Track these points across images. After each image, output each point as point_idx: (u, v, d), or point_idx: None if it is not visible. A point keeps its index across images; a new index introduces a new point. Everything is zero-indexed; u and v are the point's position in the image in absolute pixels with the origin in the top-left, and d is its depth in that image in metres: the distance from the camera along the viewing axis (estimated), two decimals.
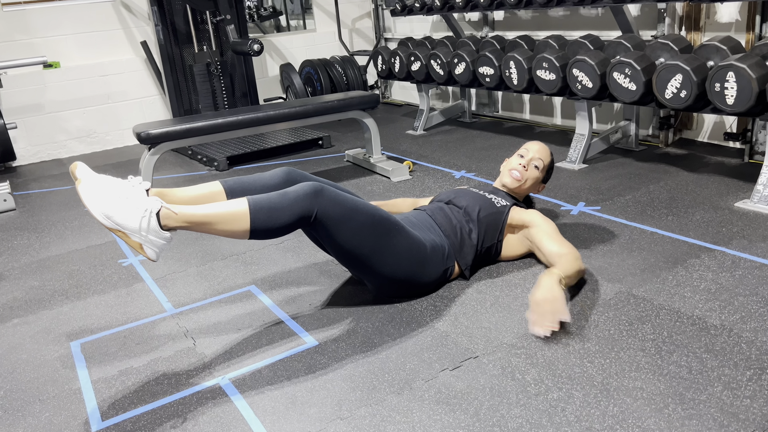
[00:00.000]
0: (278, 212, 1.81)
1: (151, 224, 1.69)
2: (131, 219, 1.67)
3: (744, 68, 2.69)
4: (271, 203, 1.81)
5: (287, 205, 1.82)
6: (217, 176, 4.12)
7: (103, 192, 1.69)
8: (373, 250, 2.00)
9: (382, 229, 2.01)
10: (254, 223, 1.78)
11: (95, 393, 1.82)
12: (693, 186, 3.14)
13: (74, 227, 3.35)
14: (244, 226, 1.78)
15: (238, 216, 1.78)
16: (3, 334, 2.24)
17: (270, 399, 1.72)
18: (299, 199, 1.84)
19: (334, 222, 1.90)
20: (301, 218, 1.85)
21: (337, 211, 1.90)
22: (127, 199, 1.69)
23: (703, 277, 2.19)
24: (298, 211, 1.83)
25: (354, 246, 1.97)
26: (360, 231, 1.95)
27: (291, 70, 5.68)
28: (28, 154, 5.08)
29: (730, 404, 1.53)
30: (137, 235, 1.69)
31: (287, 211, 1.82)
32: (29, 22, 4.90)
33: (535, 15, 4.81)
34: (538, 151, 2.51)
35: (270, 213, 1.80)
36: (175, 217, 1.72)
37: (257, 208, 1.79)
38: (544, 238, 2.24)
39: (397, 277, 2.09)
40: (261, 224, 1.79)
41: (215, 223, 1.76)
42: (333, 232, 1.92)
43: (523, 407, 1.59)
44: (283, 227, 1.83)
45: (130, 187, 1.73)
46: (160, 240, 1.72)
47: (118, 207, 1.67)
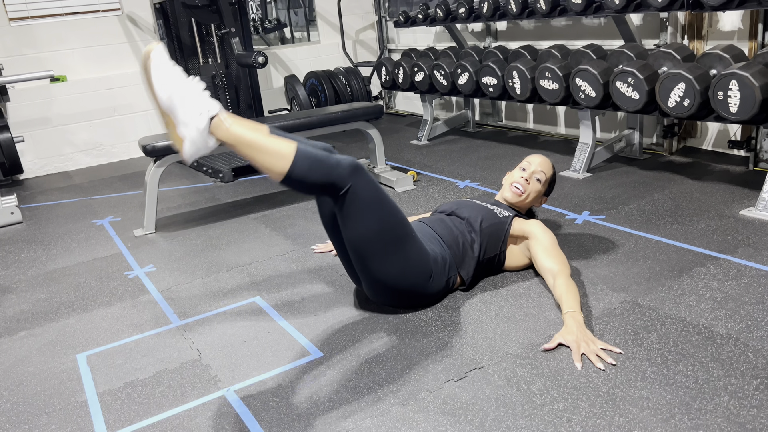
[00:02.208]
0: (318, 168, 1.82)
1: (203, 124, 1.70)
2: (188, 111, 1.69)
3: (747, 76, 2.69)
4: (316, 157, 1.83)
5: (328, 167, 1.84)
6: (223, 188, 4.14)
7: (173, 76, 1.71)
8: (387, 249, 2.01)
9: (400, 231, 2.02)
10: (294, 167, 1.79)
11: (101, 405, 1.83)
12: (698, 194, 3.14)
13: (80, 240, 3.37)
14: (284, 166, 1.79)
15: (282, 153, 1.79)
16: (10, 347, 2.25)
17: (275, 410, 1.72)
18: (340, 167, 1.86)
19: (361, 204, 1.92)
20: (333, 185, 1.86)
21: (368, 195, 1.92)
22: (192, 92, 1.71)
23: (708, 286, 2.18)
24: (335, 178, 1.85)
25: (370, 237, 1.98)
26: (380, 223, 1.97)
27: (295, 81, 5.72)
28: (35, 167, 5.12)
29: (737, 414, 1.53)
30: (184, 128, 1.71)
31: (325, 172, 1.84)
32: (36, 36, 4.95)
33: (538, 25, 4.83)
34: (540, 164, 2.51)
35: (311, 165, 1.81)
36: (226, 129, 1.74)
37: (302, 155, 1.80)
38: (540, 251, 2.25)
39: (400, 285, 2.09)
40: (299, 171, 1.80)
41: (259, 150, 1.77)
42: (356, 214, 1.94)
43: (529, 418, 1.59)
44: (314, 185, 1.85)
45: (197, 85, 1.74)
46: (202, 143, 1.73)
47: (182, 94, 1.69)
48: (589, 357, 1.79)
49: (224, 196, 3.96)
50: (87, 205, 4.08)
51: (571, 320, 1.93)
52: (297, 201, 3.66)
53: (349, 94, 5.80)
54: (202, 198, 3.96)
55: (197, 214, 3.63)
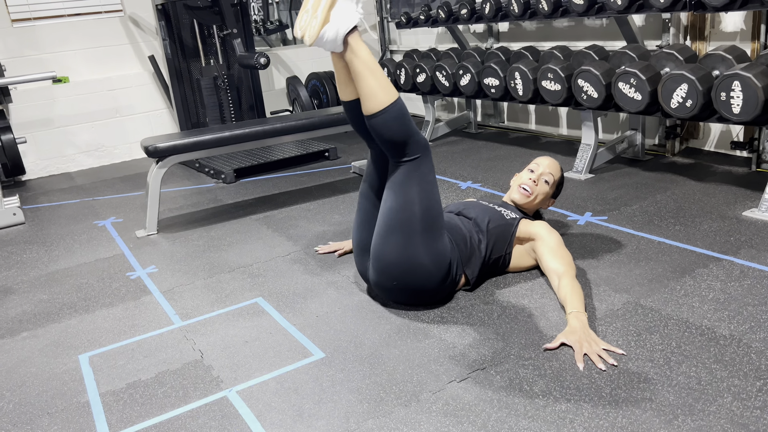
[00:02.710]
0: (406, 124, 2.00)
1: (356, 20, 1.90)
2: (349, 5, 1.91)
3: (750, 77, 2.69)
4: (407, 114, 2.02)
5: (413, 129, 2.02)
6: (225, 189, 4.15)
7: None
8: (418, 229, 2.04)
9: (436, 220, 2.09)
10: (393, 105, 1.97)
11: (103, 406, 1.83)
12: (700, 195, 3.14)
13: (83, 241, 3.37)
14: (387, 100, 1.96)
15: (390, 90, 1.98)
16: (12, 348, 2.25)
17: (277, 411, 1.72)
18: (419, 137, 2.04)
19: (418, 177, 2.03)
20: (406, 146, 2.01)
21: (426, 173, 2.05)
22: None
23: (711, 287, 2.18)
24: (412, 141, 2.01)
25: (411, 211, 2.04)
26: (424, 203, 2.04)
27: (297, 82, 5.72)
28: (38, 168, 5.12)
29: (740, 415, 1.52)
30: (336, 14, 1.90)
31: (409, 131, 2.00)
32: (39, 37, 4.96)
33: (540, 26, 4.82)
34: (548, 166, 2.52)
35: (404, 116, 2.00)
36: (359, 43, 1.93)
37: (402, 104, 2.00)
38: (546, 252, 2.25)
39: (418, 270, 2.07)
40: (393, 112, 1.97)
41: (374, 74, 1.95)
42: (409, 185, 2.04)
43: (531, 419, 1.58)
44: (394, 134, 1.99)
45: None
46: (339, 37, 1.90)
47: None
48: (591, 357, 1.79)
49: (226, 197, 3.96)
50: (89, 206, 4.08)
51: (575, 320, 1.92)
52: (299, 202, 3.66)
53: None
54: (204, 199, 3.96)
55: (199, 215, 3.63)
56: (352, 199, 3.64)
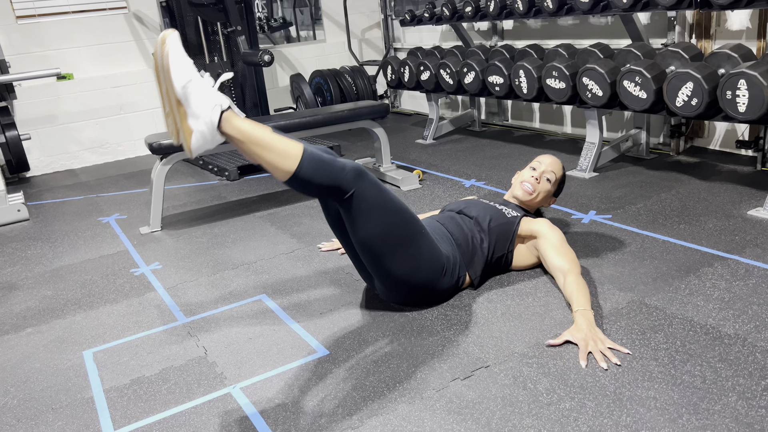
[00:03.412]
0: (324, 170, 1.83)
1: (213, 117, 1.71)
2: (201, 103, 1.70)
3: (756, 76, 2.68)
4: (322, 159, 1.84)
5: (334, 170, 1.85)
6: (228, 186, 4.15)
7: (187, 65, 1.71)
8: (397, 247, 2.00)
9: (410, 229, 2.02)
10: (300, 168, 1.80)
11: (108, 402, 1.83)
12: (705, 194, 3.13)
13: (87, 237, 3.38)
14: (291, 166, 1.80)
15: (290, 153, 1.80)
16: (17, 344, 2.25)
17: (281, 408, 1.72)
18: (345, 170, 1.87)
19: (367, 207, 1.92)
20: (339, 188, 1.87)
21: (374, 198, 1.92)
22: (205, 85, 1.72)
23: (716, 286, 2.17)
24: (340, 180, 1.86)
25: (380, 237, 1.98)
26: (389, 222, 1.97)
27: (301, 80, 5.72)
28: (42, 165, 5.13)
29: (745, 414, 1.52)
30: (194, 120, 1.71)
31: (331, 174, 1.84)
32: (43, 34, 4.97)
33: (545, 24, 4.81)
34: (550, 164, 2.51)
35: (318, 166, 1.82)
36: (236, 125, 1.74)
37: (309, 156, 1.81)
38: (549, 249, 2.24)
39: (413, 280, 2.09)
40: (305, 172, 1.81)
41: (267, 148, 1.78)
42: (362, 217, 1.94)
43: (535, 417, 1.58)
44: (320, 186, 1.86)
45: (208, 78, 1.76)
46: (211, 137, 1.73)
47: (197, 85, 1.70)
48: (595, 356, 1.79)
49: (230, 194, 3.96)
50: (93, 202, 4.09)
51: (581, 318, 1.92)
52: (303, 199, 3.66)
53: (354, 93, 5.79)
54: (207, 196, 3.97)
55: (203, 212, 3.63)
56: None
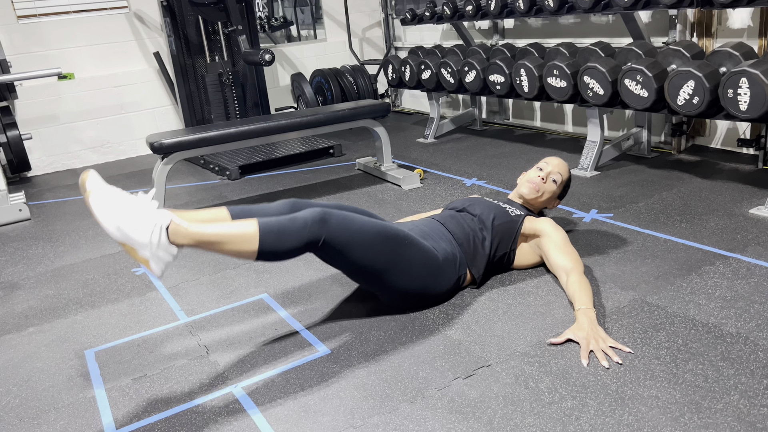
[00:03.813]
0: (286, 236, 1.81)
1: (161, 239, 1.68)
2: (141, 232, 1.66)
3: (757, 74, 2.67)
4: (280, 226, 1.82)
5: (296, 230, 1.83)
6: (229, 185, 4.15)
7: (114, 204, 1.68)
8: (386, 266, 2.01)
9: (393, 245, 2.01)
10: (262, 245, 1.78)
11: (109, 401, 1.83)
12: (706, 193, 3.12)
13: (88, 236, 3.38)
14: (252, 247, 1.77)
15: (246, 237, 1.77)
16: (18, 343, 2.26)
17: (283, 407, 1.72)
18: (307, 225, 1.84)
19: (343, 245, 1.91)
20: (309, 243, 1.86)
21: (346, 235, 1.91)
22: (137, 213, 1.68)
23: (718, 285, 2.17)
24: (306, 237, 1.84)
25: (366, 264, 1.99)
26: (370, 249, 1.96)
27: (302, 79, 5.72)
28: (43, 165, 5.14)
29: (747, 413, 1.52)
30: (146, 250, 1.68)
31: (295, 236, 1.82)
32: (44, 34, 4.97)
33: (546, 23, 4.81)
34: (557, 165, 2.52)
35: (279, 236, 1.80)
36: (184, 233, 1.72)
37: (266, 230, 1.79)
38: (553, 248, 2.24)
39: (412, 289, 2.10)
40: (269, 246, 1.79)
41: (223, 243, 1.76)
42: (343, 255, 1.94)
43: (537, 416, 1.58)
44: (290, 251, 1.84)
45: (140, 201, 1.72)
46: (167, 256, 1.71)
47: (129, 219, 1.66)
48: (596, 354, 1.79)
49: (231, 193, 3.96)
50: None
51: (583, 317, 1.92)
52: (304, 198, 3.65)
53: (355, 92, 5.79)
54: (209, 195, 3.97)
55: None
56: (357, 195, 3.64)
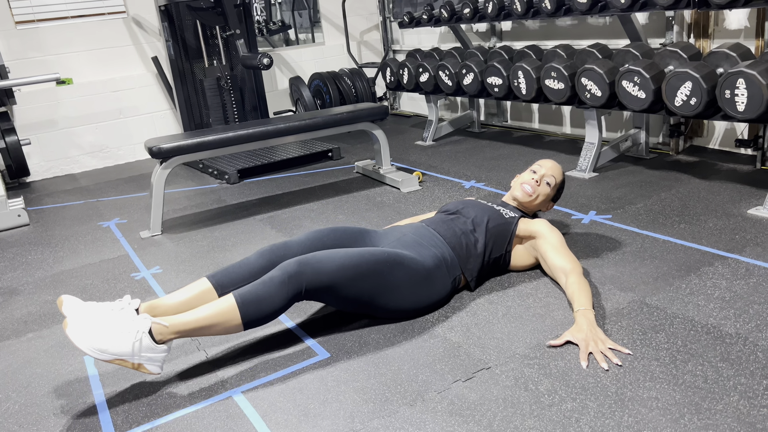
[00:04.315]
0: (266, 301, 1.86)
1: (144, 344, 1.74)
2: (124, 345, 1.72)
3: (754, 75, 2.68)
4: (257, 294, 1.86)
5: (274, 292, 1.87)
6: (228, 189, 4.15)
7: (92, 326, 1.73)
8: (374, 293, 2.03)
9: (375, 273, 2.02)
10: (245, 317, 1.84)
11: (109, 406, 1.83)
12: (705, 193, 3.13)
13: (87, 242, 3.38)
14: (236, 322, 1.84)
15: (227, 315, 1.83)
16: (18, 349, 2.25)
17: (282, 411, 1.72)
18: (284, 284, 1.88)
19: (326, 288, 1.95)
20: (291, 299, 1.90)
21: (325, 278, 1.94)
22: (116, 327, 1.73)
23: (717, 285, 2.17)
24: (286, 295, 1.88)
25: (353, 297, 2.02)
26: (353, 284, 1.98)
27: (300, 83, 5.72)
28: (42, 170, 5.13)
29: (747, 413, 1.52)
30: (135, 358, 1.74)
31: (275, 298, 1.87)
32: (42, 39, 4.97)
33: (543, 25, 4.82)
34: (551, 168, 2.52)
35: (258, 304, 1.85)
36: (167, 331, 1.78)
37: (245, 302, 1.84)
38: (550, 250, 2.24)
39: (405, 307, 2.11)
40: (252, 316, 1.85)
41: (207, 327, 1.82)
42: (328, 295, 1.99)
43: (537, 418, 1.58)
44: (275, 311, 1.89)
45: (118, 311, 1.78)
46: (158, 355, 1.78)
47: (109, 338, 1.72)
48: (595, 356, 1.79)
49: (230, 197, 3.96)
50: (93, 207, 4.09)
51: (582, 318, 1.92)
52: (302, 202, 3.66)
53: (353, 95, 5.80)
54: (207, 200, 3.97)
55: (203, 216, 3.63)
56: (356, 199, 3.64)
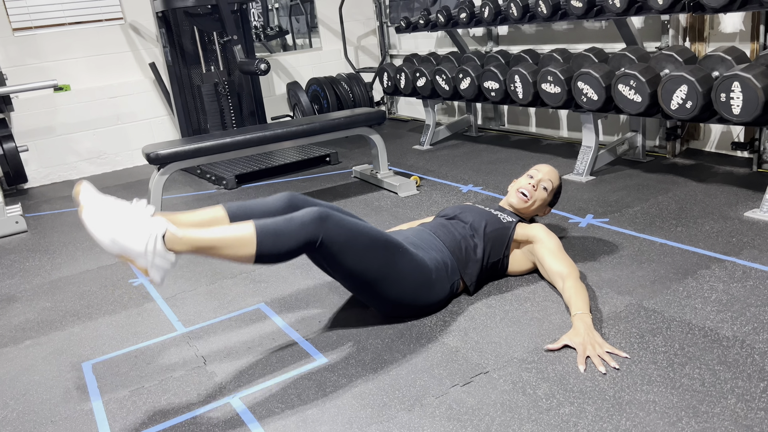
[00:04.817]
0: (284, 237, 1.80)
1: (157, 247, 1.67)
2: (137, 242, 1.65)
3: (749, 78, 2.69)
4: (277, 228, 1.80)
5: (293, 231, 1.81)
6: (226, 195, 4.15)
7: (108, 216, 1.67)
8: (379, 275, 2.01)
9: (387, 253, 2.01)
10: (260, 248, 1.76)
11: (107, 414, 1.83)
12: (702, 196, 3.13)
13: (85, 248, 3.38)
14: (250, 251, 1.76)
15: (244, 240, 1.75)
16: (15, 356, 2.25)
17: (281, 418, 1.72)
18: (305, 225, 1.83)
19: (339, 247, 1.90)
20: (306, 243, 1.84)
21: (343, 236, 1.89)
22: (132, 223, 1.67)
23: (713, 288, 2.18)
24: (304, 237, 1.83)
25: (360, 271, 1.98)
26: (365, 255, 1.96)
27: (298, 88, 5.73)
28: (40, 176, 5.13)
29: (745, 416, 1.52)
30: (143, 259, 1.67)
31: (293, 237, 1.81)
32: (40, 46, 4.98)
33: (539, 29, 4.83)
34: (547, 173, 2.52)
35: (276, 238, 1.78)
36: (180, 241, 1.70)
37: (263, 233, 1.77)
38: (547, 254, 2.24)
39: (404, 300, 2.10)
40: (267, 249, 1.77)
41: (221, 248, 1.74)
42: (339, 257, 1.93)
43: (535, 422, 1.58)
44: (288, 252, 1.82)
45: (134, 209, 1.71)
46: (165, 263, 1.70)
47: (124, 231, 1.65)
48: (593, 360, 1.79)
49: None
50: None
51: (580, 322, 1.92)
52: None
53: (351, 100, 5.81)
54: (205, 205, 3.97)
55: None
56: (354, 203, 3.64)
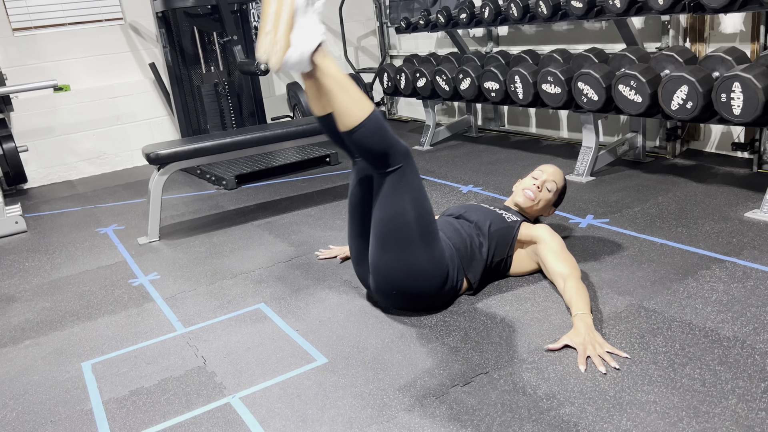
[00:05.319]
0: (383, 135, 1.94)
1: (319, 39, 1.84)
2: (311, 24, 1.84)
3: (750, 78, 2.69)
4: (384, 125, 1.96)
5: (391, 139, 1.96)
6: (226, 195, 4.15)
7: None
8: (412, 238, 2.02)
9: (430, 226, 2.06)
10: (368, 120, 1.90)
11: (107, 413, 1.83)
12: (702, 197, 3.13)
13: (85, 248, 3.37)
14: (360, 116, 1.90)
15: (363, 104, 1.92)
16: (15, 356, 2.25)
17: (281, 417, 1.71)
18: (399, 145, 1.98)
19: (404, 187, 1.99)
20: (387, 158, 1.96)
21: (412, 181, 2.00)
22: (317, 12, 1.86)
23: (714, 289, 2.18)
24: (392, 151, 1.96)
25: (402, 221, 2.01)
26: (415, 211, 2.01)
27: (298, 88, 5.73)
28: (39, 177, 5.13)
29: (745, 417, 1.52)
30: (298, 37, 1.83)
31: (387, 142, 1.95)
32: (40, 46, 4.98)
33: (539, 29, 4.83)
34: (552, 173, 2.53)
35: (380, 129, 1.93)
36: (328, 56, 1.88)
37: (377, 115, 1.94)
38: (549, 255, 2.24)
39: (418, 274, 2.07)
40: (368, 127, 1.91)
41: (344, 91, 1.90)
42: (396, 195, 2.00)
43: (535, 423, 1.58)
44: (372, 147, 1.95)
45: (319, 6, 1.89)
46: (305, 58, 1.84)
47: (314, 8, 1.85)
48: (593, 360, 1.79)
49: (228, 203, 3.96)
50: (91, 213, 4.09)
51: (580, 322, 1.92)
52: (300, 208, 3.66)
53: None
54: (205, 205, 3.97)
55: (201, 222, 3.63)
56: None
